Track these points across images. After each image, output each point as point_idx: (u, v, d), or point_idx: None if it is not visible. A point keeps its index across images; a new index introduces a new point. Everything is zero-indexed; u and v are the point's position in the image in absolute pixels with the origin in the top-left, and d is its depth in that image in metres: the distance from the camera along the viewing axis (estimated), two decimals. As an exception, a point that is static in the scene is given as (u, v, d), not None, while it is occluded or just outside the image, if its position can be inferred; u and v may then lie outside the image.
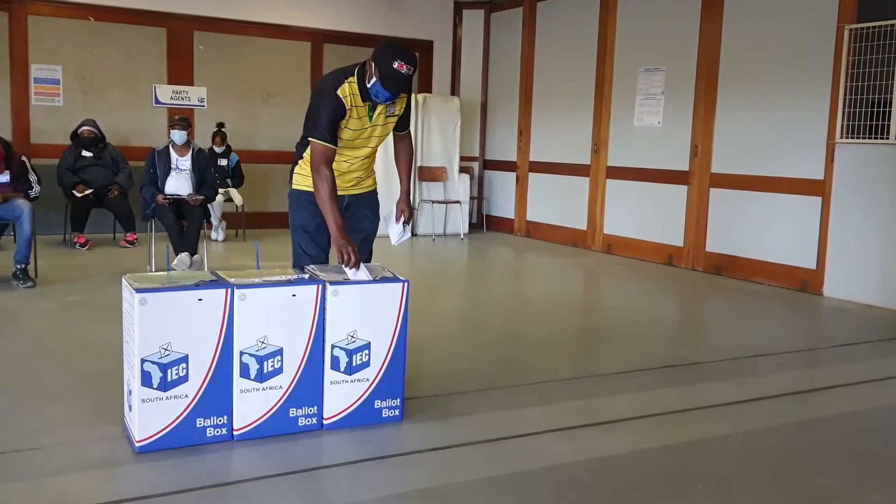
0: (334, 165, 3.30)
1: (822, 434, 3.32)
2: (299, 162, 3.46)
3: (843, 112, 6.15)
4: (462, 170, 9.90)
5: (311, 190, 3.35)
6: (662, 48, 7.79)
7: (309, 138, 3.27)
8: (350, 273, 3.13)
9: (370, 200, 3.63)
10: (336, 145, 3.25)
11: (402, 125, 3.53)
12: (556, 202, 9.33)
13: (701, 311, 6.26)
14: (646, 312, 5.73)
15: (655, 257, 7.92)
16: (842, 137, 6.17)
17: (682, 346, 4.85)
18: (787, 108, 6.60)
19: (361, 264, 3.17)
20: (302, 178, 3.45)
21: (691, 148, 7.48)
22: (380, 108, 3.32)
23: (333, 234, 3.19)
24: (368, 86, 3.20)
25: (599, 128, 8.58)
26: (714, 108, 7.25)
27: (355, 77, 3.24)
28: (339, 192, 3.35)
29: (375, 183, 3.67)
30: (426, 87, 10.39)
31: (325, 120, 3.21)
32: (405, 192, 3.60)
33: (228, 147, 8.56)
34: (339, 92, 3.21)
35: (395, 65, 3.08)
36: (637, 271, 7.47)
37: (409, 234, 3.66)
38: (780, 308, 6.02)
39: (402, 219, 3.60)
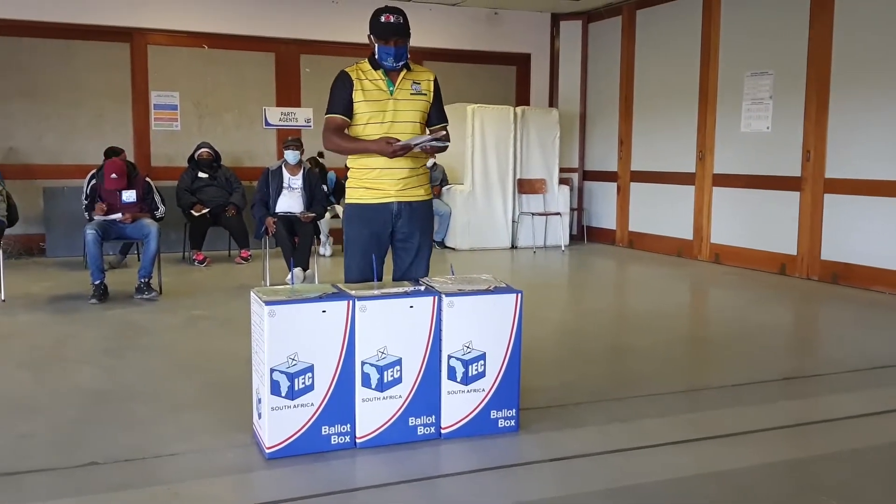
0: (373, 159, 3.43)
1: (962, 449, 3.14)
2: (347, 174, 3.60)
3: (971, 110, 5.83)
4: (562, 181, 9.86)
5: (359, 201, 3.50)
6: (769, 51, 7.56)
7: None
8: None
9: (420, 213, 3.57)
10: (347, 116, 3.44)
11: (433, 119, 3.59)
12: (659, 211, 9.16)
13: (819, 321, 6.02)
14: (760, 323, 5.55)
15: (767, 266, 7.66)
16: (970, 137, 5.85)
17: (802, 357, 4.67)
18: (908, 108, 6.30)
19: (411, 142, 3.33)
20: (351, 190, 3.55)
21: (803, 153, 7.21)
22: (400, 78, 3.45)
23: (379, 148, 3.35)
24: (376, 57, 3.44)
25: (704, 135, 8.39)
26: (826, 111, 6.98)
27: (366, 59, 3.52)
28: (388, 199, 3.46)
29: (429, 194, 3.64)
30: (524, 99, 10.42)
31: (333, 97, 3.47)
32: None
33: (322, 167, 8.58)
34: (346, 69, 3.50)
35: (382, 18, 3.40)
36: (748, 281, 7.25)
37: (432, 142, 3.38)
38: (905, 318, 5.73)
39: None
